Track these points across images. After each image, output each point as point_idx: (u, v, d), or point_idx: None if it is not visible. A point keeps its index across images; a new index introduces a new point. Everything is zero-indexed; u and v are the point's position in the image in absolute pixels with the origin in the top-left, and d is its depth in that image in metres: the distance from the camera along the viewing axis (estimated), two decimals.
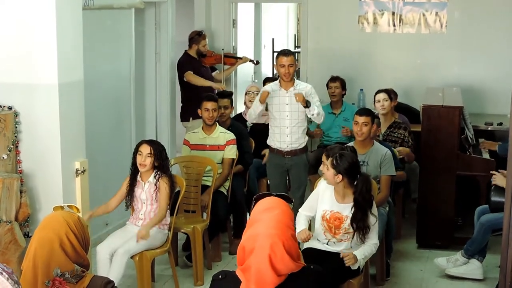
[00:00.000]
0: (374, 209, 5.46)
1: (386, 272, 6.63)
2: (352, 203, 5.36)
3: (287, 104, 6.94)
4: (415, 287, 6.56)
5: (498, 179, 6.25)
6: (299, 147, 7.05)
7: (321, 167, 5.58)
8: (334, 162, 5.33)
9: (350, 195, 5.40)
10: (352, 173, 5.37)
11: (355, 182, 5.36)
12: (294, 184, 7.27)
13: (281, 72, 6.91)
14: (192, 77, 9.00)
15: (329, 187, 5.54)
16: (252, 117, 7.19)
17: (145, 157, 6.00)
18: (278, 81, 7.05)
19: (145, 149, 6.02)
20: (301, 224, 5.54)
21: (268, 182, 7.63)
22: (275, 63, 7.14)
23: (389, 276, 6.70)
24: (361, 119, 6.56)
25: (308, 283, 3.25)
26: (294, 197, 6.73)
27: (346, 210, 5.39)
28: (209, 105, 7.17)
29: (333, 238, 5.44)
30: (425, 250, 7.40)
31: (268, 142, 7.19)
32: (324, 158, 5.47)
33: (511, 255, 4.51)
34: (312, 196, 5.69)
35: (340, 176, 5.34)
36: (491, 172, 6.50)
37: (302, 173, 7.19)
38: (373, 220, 5.39)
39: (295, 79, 7.07)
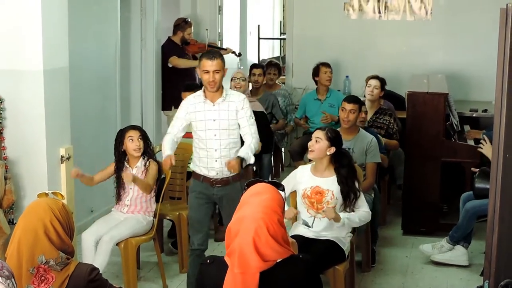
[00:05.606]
0: (357, 177, 5.60)
1: (371, 258, 6.65)
2: (332, 177, 5.45)
3: (214, 121, 5.50)
4: (400, 274, 6.57)
5: (486, 148, 6.22)
6: (232, 174, 5.58)
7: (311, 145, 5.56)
8: (329, 134, 5.45)
9: (331, 170, 5.49)
10: (339, 146, 5.51)
11: (337, 157, 5.49)
12: (226, 220, 5.59)
13: (204, 80, 5.43)
14: (177, 61, 9.00)
15: (306, 169, 5.63)
16: None
17: (137, 140, 6.00)
18: (202, 90, 5.60)
19: (135, 133, 6.01)
20: None
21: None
22: (197, 67, 5.67)
23: (375, 263, 6.73)
24: (348, 106, 6.58)
25: (296, 271, 3.25)
26: None
27: (327, 183, 5.44)
28: (186, 95, 7.14)
29: (318, 213, 5.45)
30: (410, 236, 7.43)
31: (192, 167, 5.82)
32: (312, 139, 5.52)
33: (496, 241, 4.52)
34: (288, 178, 5.71)
35: (333, 148, 5.44)
36: (481, 140, 6.43)
37: (236, 206, 4.94)
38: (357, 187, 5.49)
39: (223, 87, 5.57)
